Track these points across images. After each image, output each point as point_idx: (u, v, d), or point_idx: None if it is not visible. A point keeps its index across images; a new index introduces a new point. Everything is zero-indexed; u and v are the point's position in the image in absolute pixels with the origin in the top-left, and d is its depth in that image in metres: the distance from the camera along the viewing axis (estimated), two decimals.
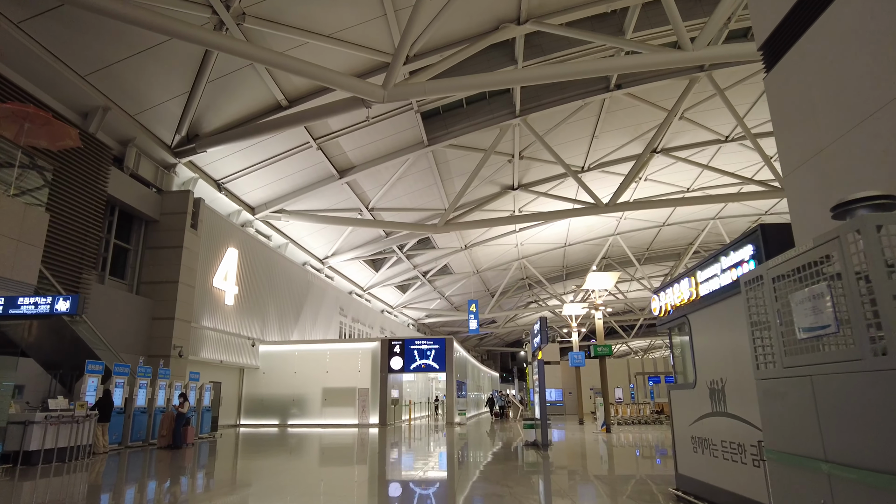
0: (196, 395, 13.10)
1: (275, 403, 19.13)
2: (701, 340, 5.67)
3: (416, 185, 21.61)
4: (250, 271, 18.41)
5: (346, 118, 16.39)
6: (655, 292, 6.72)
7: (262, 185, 18.84)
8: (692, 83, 17.40)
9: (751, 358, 2.95)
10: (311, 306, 23.40)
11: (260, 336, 19.14)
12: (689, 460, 5.91)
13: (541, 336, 10.90)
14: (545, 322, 11.07)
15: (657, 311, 6.58)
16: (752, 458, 4.55)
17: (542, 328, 10.96)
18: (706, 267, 5.44)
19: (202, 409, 13.33)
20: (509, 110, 18.05)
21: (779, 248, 4.01)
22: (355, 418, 18.66)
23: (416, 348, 19.47)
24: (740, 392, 4.78)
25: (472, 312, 32.01)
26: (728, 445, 4.98)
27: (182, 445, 11.56)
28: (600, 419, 17.29)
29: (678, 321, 6.24)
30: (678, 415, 6.25)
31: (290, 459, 10.56)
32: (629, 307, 45.82)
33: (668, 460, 9.61)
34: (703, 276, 5.47)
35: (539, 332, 11.02)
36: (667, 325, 6.68)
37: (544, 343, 10.83)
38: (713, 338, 5.41)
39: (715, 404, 5.18)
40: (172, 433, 11.30)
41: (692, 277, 5.74)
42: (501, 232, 29.57)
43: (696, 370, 5.62)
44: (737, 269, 4.70)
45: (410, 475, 8.43)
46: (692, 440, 5.77)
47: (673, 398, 6.41)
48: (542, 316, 11.00)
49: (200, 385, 13.49)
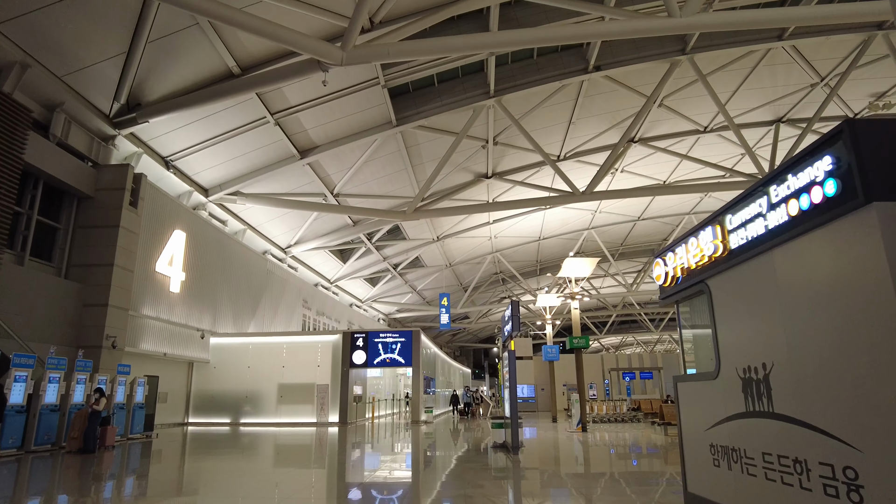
0: (126, 391, 11.71)
1: (226, 400, 17.73)
2: (728, 312, 4.30)
3: (385, 169, 20.46)
4: (201, 257, 16.99)
5: (305, 91, 15.17)
6: (660, 255, 5.46)
7: (216, 165, 17.43)
8: (673, 67, 16.73)
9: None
10: (270, 297, 22.03)
11: (211, 327, 17.72)
12: (705, 476, 4.58)
13: (512, 322, 9.90)
14: (517, 306, 10.04)
15: (662, 278, 5.37)
16: (822, 482, 3.16)
17: (513, 313, 9.90)
18: (740, 207, 4.04)
19: (133, 406, 11.94)
20: (483, 90, 17.06)
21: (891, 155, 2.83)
22: (314, 417, 17.42)
23: (380, 342, 18.32)
24: (802, 384, 3.36)
25: (444, 306, 31.04)
26: (777, 461, 3.58)
27: (97, 449, 9.98)
28: (575, 417, 16.45)
29: (692, 290, 4.91)
30: (689, 415, 4.98)
31: (227, 462, 9.37)
32: (602, 303, 45.57)
33: (661, 467, 8.76)
34: (738, 221, 4.05)
35: (510, 317, 9.98)
36: (674, 298, 5.33)
37: (516, 330, 9.81)
38: (750, 306, 3.99)
39: (752, 401, 3.81)
40: (84, 435, 9.77)
41: (717, 226, 4.34)
42: (475, 223, 28.68)
43: (720, 354, 4.32)
44: (800, 198, 3.34)
45: (353, 485, 7.35)
46: (711, 449, 4.45)
47: (681, 393, 5.09)
48: (513, 300, 9.93)
49: (132, 379, 12.10)
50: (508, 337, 10.14)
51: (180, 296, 15.71)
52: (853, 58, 16.96)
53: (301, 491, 6.80)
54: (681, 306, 5.48)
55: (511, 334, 9.91)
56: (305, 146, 17.77)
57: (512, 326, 9.87)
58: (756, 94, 19.45)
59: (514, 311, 9.82)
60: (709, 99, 19.33)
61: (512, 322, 9.80)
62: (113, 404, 11.22)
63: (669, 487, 6.64)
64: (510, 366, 9.85)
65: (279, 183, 19.34)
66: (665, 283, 5.38)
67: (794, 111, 20.55)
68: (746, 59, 17.51)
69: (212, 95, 12.83)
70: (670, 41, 16.60)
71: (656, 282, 5.53)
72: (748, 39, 16.47)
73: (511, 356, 9.83)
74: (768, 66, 17.92)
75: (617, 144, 18.04)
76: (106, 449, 10.15)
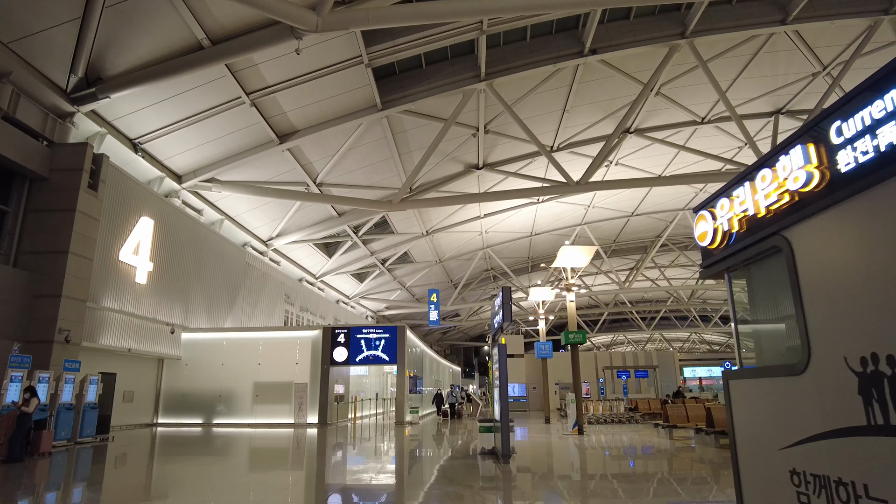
0: (75, 390, 10.68)
1: (199, 400, 16.71)
2: (827, 275, 2.97)
3: (371, 158, 19.51)
4: (171, 247, 15.96)
5: (283, 68, 14.19)
6: (705, 205, 4.17)
7: (189, 149, 16.40)
8: (672, 52, 15.97)
9: None
10: (249, 292, 21.00)
11: (183, 322, 16.69)
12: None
13: (503, 311, 8.80)
14: (508, 293, 8.93)
15: (708, 237, 4.05)
16: None
17: (504, 301, 8.78)
18: (859, 106, 2.71)
19: (84, 406, 10.90)
20: (473, 73, 16.18)
21: None
22: (291, 417, 16.45)
23: (363, 338, 17.36)
24: None
25: (433, 303, 30.16)
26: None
27: (26, 457, 8.79)
28: (571, 419, 15.53)
29: (756, 249, 3.58)
30: (750, 425, 3.62)
31: (175, 467, 8.43)
32: (594, 301, 44.94)
33: (684, 482, 7.75)
34: (854, 128, 2.74)
35: (501, 306, 9.00)
36: (725, 265, 3.95)
37: (508, 321, 8.70)
38: (873, 260, 2.66)
39: (879, 410, 2.51)
40: (9, 441, 8.58)
41: (812, 144, 3.02)
42: (465, 217, 27.83)
43: (812, 338, 3.02)
44: None
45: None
46: (795, 478, 3.09)
47: (737, 395, 3.76)
48: (504, 286, 8.93)
49: (82, 377, 11.05)
50: (499, 329, 9.17)
51: (148, 287, 14.68)
52: (857, 46, 16.30)
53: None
54: (734, 277, 4.16)
55: (502, 326, 8.94)
56: (285, 130, 16.79)
57: (503, 316, 8.86)
58: (756, 83, 18.75)
59: (506, 298, 8.84)
60: (707, 88, 18.66)
61: (503, 311, 8.83)
62: (58, 404, 10.16)
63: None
64: (500, 362, 8.89)
65: (258, 170, 18.35)
66: (712, 244, 4.02)
67: (794, 102, 19.88)
68: (747, 46, 16.80)
69: (178, 67, 11.85)
70: (669, 24, 15.84)
71: (699, 242, 4.18)
72: (750, 23, 15.74)
73: (501, 351, 8.87)
74: (770, 53, 17.21)
75: (613, 133, 17.25)
76: (41, 456, 9.03)
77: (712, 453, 10.73)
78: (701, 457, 10.43)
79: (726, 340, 70.67)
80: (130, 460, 9.90)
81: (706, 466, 9.12)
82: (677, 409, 13.50)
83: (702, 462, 9.68)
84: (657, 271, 40.07)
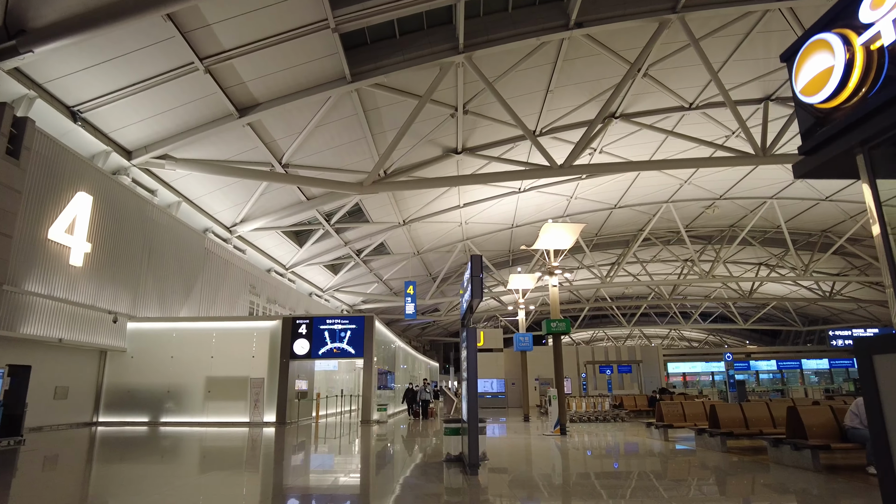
0: None
1: (145, 396, 15.26)
2: None
3: (341, 137, 18.21)
4: (116, 227, 14.49)
5: (241, 31, 12.86)
6: (820, 29, 2.55)
7: (139, 121, 14.92)
8: (661, 28, 15.02)
9: None
10: (209, 280, 19.53)
11: (130, 310, 15.21)
12: None
13: (472, 287, 7.22)
14: (479, 264, 7.37)
15: (831, 84, 2.35)
16: None
17: (474, 273, 7.28)
18: None
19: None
20: (451, 44, 15.02)
21: None
22: (247, 415, 15.12)
23: (327, 329, 16.07)
24: None
25: (410, 295, 28.99)
26: None
27: None
28: (553, 417, 14.32)
29: None
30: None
31: (101, 475, 7.13)
32: (576, 296, 44.27)
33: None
34: None
35: (470, 280, 7.35)
36: (872, 129, 2.20)
37: (478, 297, 7.20)
38: None
39: None
40: None
41: None
42: (444, 207, 26.72)
43: None
44: None
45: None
46: None
47: (887, 376, 2.33)
48: (474, 255, 7.58)
49: None
50: (468, 310, 7.76)
51: (85, 271, 13.20)
52: None
53: None
54: (880, 162, 2.34)
55: (472, 306, 7.53)
56: (245, 103, 15.41)
57: (472, 293, 7.30)
58: (747, 66, 17.96)
59: (475, 269, 7.33)
60: (696, 70, 17.87)
61: (472, 287, 7.28)
62: None
63: None
64: (469, 350, 7.42)
65: (217, 147, 16.92)
66: (837, 97, 2.33)
67: (784, 88, 19.16)
68: (740, 24, 15.94)
69: (111, 14, 10.41)
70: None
71: (804, 98, 2.61)
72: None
73: (471, 337, 7.44)
74: (763, 34, 16.39)
75: (599, 114, 16.26)
76: None
77: (717, 458, 9.44)
78: (705, 463, 9.12)
79: (705, 337, 70.97)
80: (35, 468, 8.51)
81: (723, 477, 7.83)
82: (673, 407, 12.22)
83: (713, 471, 8.28)
84: (639, 266, 39.51)
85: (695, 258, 32.70)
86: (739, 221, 32.13)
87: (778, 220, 28.80)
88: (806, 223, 31.57)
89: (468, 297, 7.57)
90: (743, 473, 8.09)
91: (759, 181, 26.18)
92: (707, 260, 37.22)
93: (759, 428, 9.97)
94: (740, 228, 31.85)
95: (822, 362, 43.07)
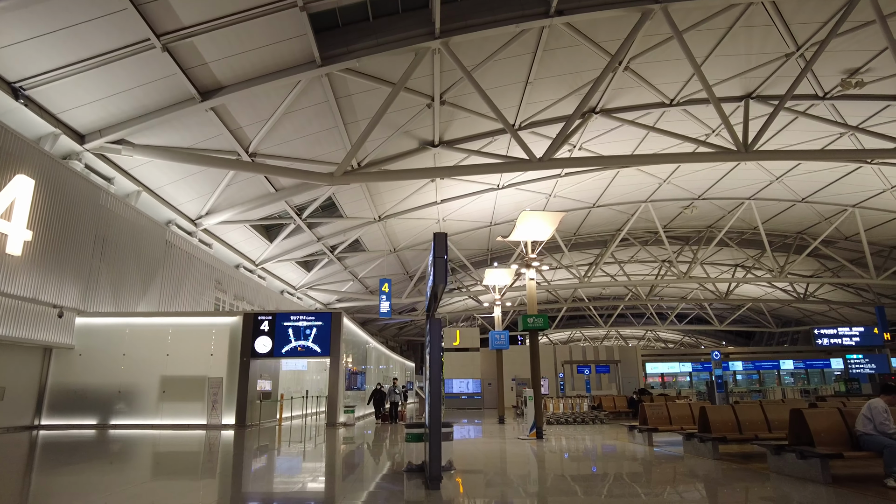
0: None
1: (94, 396, 14.22)
2: None
3: (311, 126, 17.42)
4: (65, 216, 13.47)
5: (201, 6, 12.01)
6: None
7: (91, 102, 13.92)
8: (644, 18, 14.61)
9: None
10: (171, 275, 18.49)
11: (79, 305, 14.16)
12: None
13: (435, 271, 6.23)
14: (443, 243, 6.26)
15: None
16: None
17: (437, 252, 6.18)
18: None
19: None
20: (427, 29, 14.37)
21: None
22: (204, 417, 14.21)
23: (291, 326, 15.24)
24: None
25: (385, 293, 28.25)
26: None
27: None
28: (529, 419, 13.61)
29: None
30: None
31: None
32: (554, 296, 44.02)
33: None
34: None
35: (433, 262, 6.34)
36: None
37: (442, 282, 6.14)
38: None
39: None
40: None
41: None
42: (421, 202, 26.07)
43: None
44: None
45: None
46: None
47: None
48: (437, 233, 6.73)
49: None
50: (432, 298, 6.76)
51: (25, 261, 12.15)
52: (835, 23, 15.39)
53: None
54: None
55: (436, 293, 6.51)
56: (208, 86, 14.52)
57: (435, 277, 6.27)
58: (729, 62, 17.73)
59: (439, 250, 6.22)
60: (677, 65, 17.62)
61: (434, 271, 6.27)
62: None
63: None
64: (432, 345, 6.51)
65: (179, 134, 15.98)
66: None
67: (765, 86, 19.01)
68: (723, 18, 15.66)
69: None
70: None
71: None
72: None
73: (434, 329, 6.49)
74: (745, 28, 16.15)
75: (578, 107, 15.79)
76: None
77: (710, 467, 8.64)
78: (698, 472, 8.39)
79: (681, 339, 71.72)
80: None
81: (722, 490, 7.13)
82: (658, 409, 11.33)
83: (709, 482, 7.53)
84: (617, 266, 39.45)
85: (672, 259, 32.67)
86: (717, 222, 32.21)
87: (755, 222, 28.90)
88: (782, 224, 31.80)
89: (432, 282, 6.69)
90: (742, 485, 7.39)
91: (738, 181, 26.18)
92: (684, 261, 37.32)
93: (753, 432, 9.34)
94: (718, 229, 31.94)
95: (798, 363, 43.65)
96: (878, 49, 16.62)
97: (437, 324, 6.38)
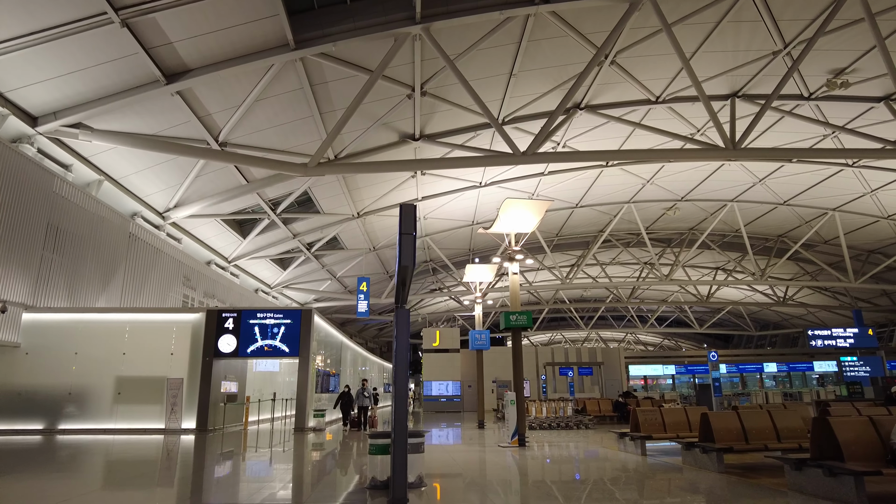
0: None
1: (42, 399, 13.20)
2: None
3: (286, 114, 16.61)
4: (11, 203, 12.51)
5: None
6: None
7: (44, 80, 12.95)
8: (632, 9, 14.16)
9: None
10: (134, 270, 17.46)
11: (27, 300, 13.13)
12: None
13: (402, 247, 5.42)
14: (412, 214, 5.55)
15: None
16: None
17: (405, 227, 5.42)
18: None
19: None
20: (408, 13, 13.71)
21: None
22: (163, 421, 13.28)
23: (257, 323, 14.39)
24: None
25: (363, 293, 27.43)
26: None
27: None
28: (510, 425, 12.78)
29: None
30: None
31: None
32: (535, 297, 43.64)
33: None
34: None
35: (399, 238, 5.51)
36: None
37: (409, 262, 5.41)
38: None
39: None
40: None
41: None
42: (401, 200, 25.32)
43: None
44: None
45: None
46: None
47: None
48: (403, 203, 5.92)
49: None
50: (400, 283, 5.89)
51: None
52: (822, 21, 15.15)
53: None
54: None
55: (403, 276, 5.69)
56: (173, 68, 13.64)
57: (400, 256, 5.49)
58: (715, 59, 17.42)
59: (407, 223, 5.44)
60: (664, 61, 17.29)
61: (401, 248, 5.44)
62: None
63: None
64: (399, 340, 5.72)
65: (143, 119, 15.04)
66: None
67: (751, 85, 18.77)
68: (710, 13, 15.31)
69: None
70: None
71: None
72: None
73: (402, 321, 5.72)
74: (734, 24, 15.83)
75: (563, 100, 15.28)
76: None
77: (719, 483, 7.62)
78: (703, 488, 7.36)
79: (661, 341, 72.07)
80: None
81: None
82: (651, 415, 10.36)
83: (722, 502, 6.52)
84: (598, 268, 39.22)
85: (654, 261, 32.48)
86: (699, 224, 32.13)
87: (737, 224, 28.83)
88: (763, 228, 31.85)
89: (399, 264, 5.83)
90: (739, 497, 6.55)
91: (721, 183, 26.04)
92: (666, 263, 37.23)
93: (762, 442, 8.49)
94: (700, 231, 31.85)
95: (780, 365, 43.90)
96: (864, 49, 16.48)
97: (404, 315, 5.65)
